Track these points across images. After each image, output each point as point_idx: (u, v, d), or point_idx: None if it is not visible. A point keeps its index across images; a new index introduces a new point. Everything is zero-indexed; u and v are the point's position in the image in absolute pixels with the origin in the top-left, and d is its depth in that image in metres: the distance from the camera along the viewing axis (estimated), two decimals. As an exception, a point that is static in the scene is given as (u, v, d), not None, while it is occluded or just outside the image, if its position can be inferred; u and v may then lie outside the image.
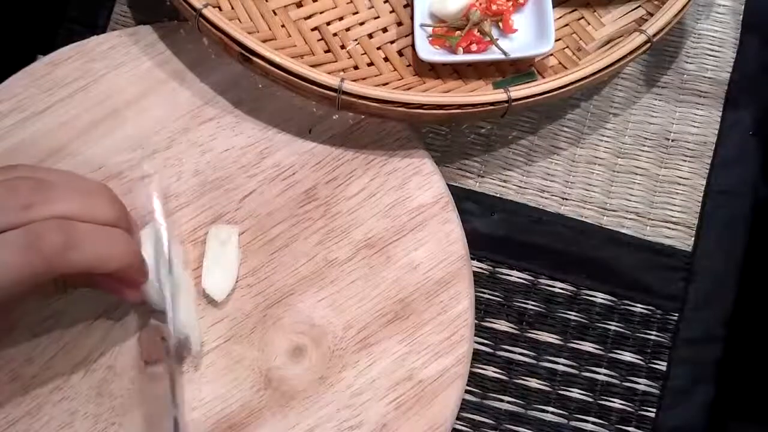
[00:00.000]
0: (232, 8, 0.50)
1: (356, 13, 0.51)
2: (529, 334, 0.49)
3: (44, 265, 0.35)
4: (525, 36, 0.49)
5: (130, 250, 0.40)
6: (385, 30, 0.51)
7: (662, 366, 0.48)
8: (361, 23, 0.51)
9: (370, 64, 0.50)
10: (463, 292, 0.46)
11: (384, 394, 0.44)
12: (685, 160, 0.52)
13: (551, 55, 0.50)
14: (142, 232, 0.44)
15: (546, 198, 0.51)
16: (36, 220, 0.36)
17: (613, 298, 0.49)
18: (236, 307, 0.46)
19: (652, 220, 0.51)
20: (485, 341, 0.49)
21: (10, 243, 0.35)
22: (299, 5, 0.51)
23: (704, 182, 0.51)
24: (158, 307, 0.43)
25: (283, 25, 0.50)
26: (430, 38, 0.49)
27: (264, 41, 0.46)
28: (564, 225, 0.50)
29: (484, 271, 0.50)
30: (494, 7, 0.49)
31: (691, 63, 0.54)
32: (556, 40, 0.49)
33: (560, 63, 0.50)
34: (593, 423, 0.48)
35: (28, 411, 0.43)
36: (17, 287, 0.35)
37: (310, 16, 0.51)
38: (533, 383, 0.48)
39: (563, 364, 0.48)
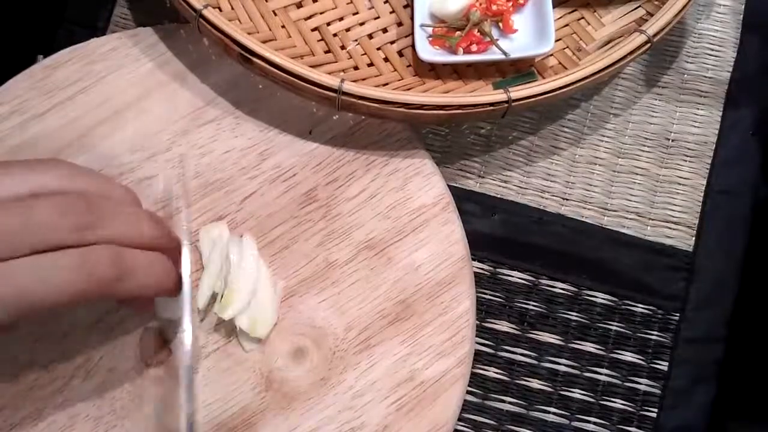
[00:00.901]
0: (232, 9, 0.50)
1: (356, 13, 0.51)
2: (531, 335, 0.49)
3: (95, 292, 0.36)
4: (525, 36, 0.49)
5: (171, 278, 0.40)
6: (385, 30, 0.51)
7: (663, 366, 0.48)
8: (361, 24, 0.51)
9: (370, 64, 0.50)
10: (464, 292, 0.46)
11: (385, 396, 0.44)
12: (686, 160, 0.52)
13: (551, 55, 0.50)
14: None
15: (546, 198, 0.51)
16: (89, 243, 0.36)
17: (614, 299, 0.49)
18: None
19: (653, 220, 0.51)
20: (486, 342, 0.49)
21: (66, 264, 0.35)
22: (299, 6, 0.51)
23: (705, 182, 0.51)
24: (169, 316, 0.44)
25: (283, 26, 0.50)
26: (430, 38, 0.49)
27: (264, 42, 0.46)
28: (564, 225, 0.50)
29: (485, 272, 0.49)
30: (494, 8, 0.49)
31: (691, 63, 0.54)
32: (556, 41, 0.49)
33: (560, 63, 0.50)
34: (595, 423, 0.48)
35: (29, 414, 0.43)
36: (64, 305, 0.35)
37: (310, 17, 0.51)
38: (535, 384, 0.48)
39: (564, 365, 0.48)
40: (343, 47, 0.50)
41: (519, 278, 0.50)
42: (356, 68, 0.50)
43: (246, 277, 0.44)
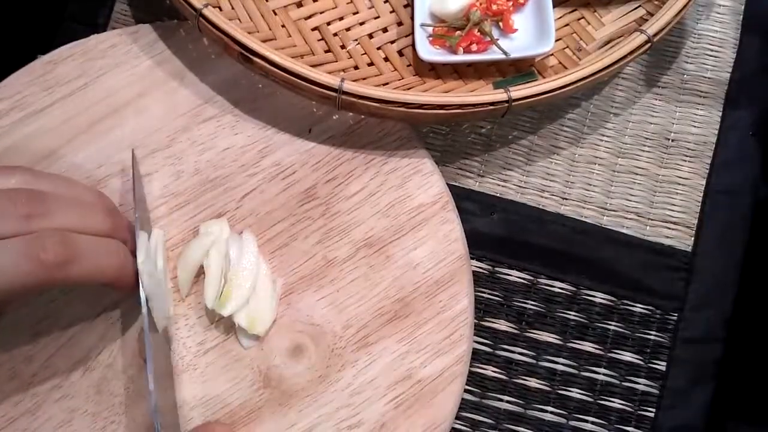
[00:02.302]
0: (233, 8, 0.50)
1: (356, 13, 0.51)
2: (529, 334, 0.49)
3: (45, 276, 0.36)
4: (525, 36, 0.49)
5: (125, 262, 0.41)
6: (385, 30, 0.51)
7: (661, 366, 0.48)
8: (362, 23, 0.51)
9: (371, 64, 0.50)
10: (463, 291, 0.46)
11: (383, 393, 0.44)
12: (685, 160, 0.52)
13: (551, 54, 0.50)
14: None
15: (546, 198, 0.51)
16: (37, 231, 0.37)
17: (613, 298, 0.49)
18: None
19: (652, 220, 0.51)
20: (485, 341, 0.49)
21: (13, 250, 0.36)
22: (299, 5, 0.51)
23: (704, 182, 0.51)
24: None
25: (283, 25, 0.50)
26: (431, 38, 0.49)
27: (264, 41, 0.46)
28: (564, 225, 0.50)
29: (484, 271, 0.50)
30: (494, 7, 0.49)
31: (691, 63, 0.54)
32: (557, 40, 0.49)
33: (560, 63, 0.50)
34: (592, 423, 0.48)
35: (27, 409, 0.43)
36: (15, 294, 0.36)
37: (310, 16, 0.51)
38: (533, 383, 0.48)
39: (563, 364, 0.48)
40: (343, 47, 0.50)
41: (518, 277, 0.50)
42: (356, 68, 0.50)
43: (245, 275, 0.45)
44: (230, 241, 0.45)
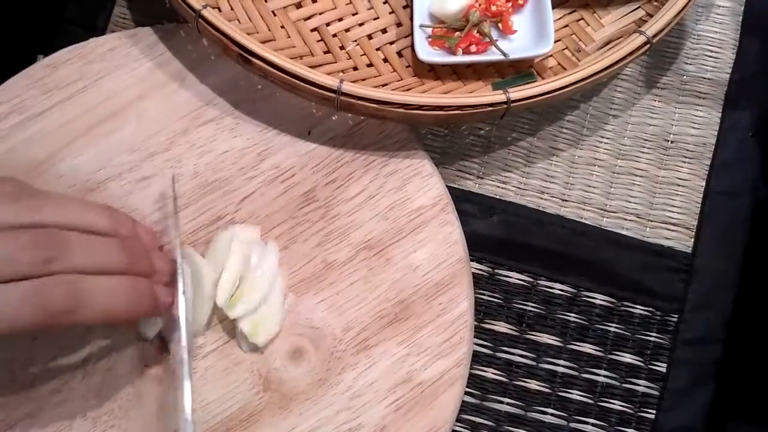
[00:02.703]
0: (232, 9, 0.50)
1: (356, 14, 0.51)
2: (529, 336, 0.49)
3: (51, 322, 0.36)
4: (524, 37, 0.49)
5: (136, 299, 0.39)
6: (384, 31, 0.51)
7: (662, 367, 0.48)
8: (361, 24, 0.51)
9: (370, 65, 0.50)
10: (463, 293, 0.46)
11: (383, 396, 0.44)
12: (685, 162, 0.52)
13: (551, 56, 0.50)
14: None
15: (545, 199, 0.51)
16: (46, 274, 0.36)
17: (613, 300, 0.49)
18: (236, 309, 0.46)
19: (652, 221, 0.51)
20: (485, 343, 0.49)
21: (19, 295, 0.35)
22: (299, 6, 0.51)
23: (704, 183, 0.51)
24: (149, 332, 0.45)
25: (282, 26, 0.50)
26: (430, 39, 0.49)
27: (263, 42, 0.46)
28: (563, 226, 0.50)
29: (484, 273, 0.49)
30: (494, 8, 0.49)
31: (690, 64, 0.54)
32: (556, 41, 0.49)
33: (559, 64, 0.50)
34: (593, 425, 0.47)
35: (27, 413, 0.43)
36: (15, 333, 0.36)
37: (309, 17, 0.51)
38: (533, 385, 0.48)
39: (563, 366, 0.48)
40: (342, 48, 0.50)
41: (517, 279, 0.49)
42: (355, 69, 0.50)
43: (262, 282, 0.44)
44: (253, 245, 0.45)
